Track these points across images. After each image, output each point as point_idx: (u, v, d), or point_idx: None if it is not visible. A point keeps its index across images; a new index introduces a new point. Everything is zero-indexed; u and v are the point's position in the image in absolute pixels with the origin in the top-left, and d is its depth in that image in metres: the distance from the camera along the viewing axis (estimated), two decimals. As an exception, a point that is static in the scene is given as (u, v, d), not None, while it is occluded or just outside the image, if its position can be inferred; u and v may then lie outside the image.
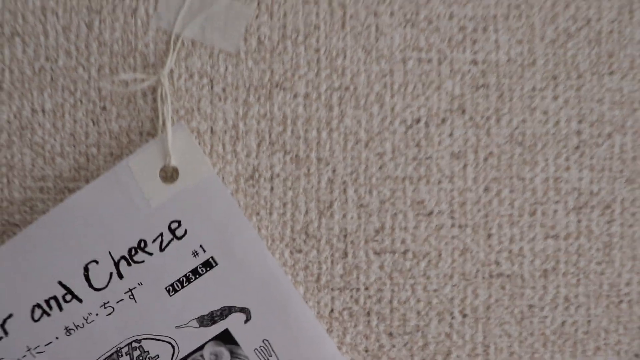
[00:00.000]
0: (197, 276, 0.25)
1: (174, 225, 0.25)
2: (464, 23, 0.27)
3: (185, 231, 0.25)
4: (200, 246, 0.25)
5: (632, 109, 0.27)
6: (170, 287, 0.25)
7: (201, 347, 0.25)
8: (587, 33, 0.27)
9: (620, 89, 0.27)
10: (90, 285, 0.25)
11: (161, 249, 0.25)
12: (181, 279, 0.25)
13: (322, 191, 0.27)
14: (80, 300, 0.25)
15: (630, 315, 0.27)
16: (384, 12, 0.27)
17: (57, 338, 0.25)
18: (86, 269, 0.25)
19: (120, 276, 0.25)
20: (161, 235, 0.25)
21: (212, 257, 0.25)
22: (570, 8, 0.27)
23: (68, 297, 0.25)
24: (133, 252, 0.25)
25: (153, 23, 0.27)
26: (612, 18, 0.27)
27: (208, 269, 0.25)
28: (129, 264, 0.25)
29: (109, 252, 0.25)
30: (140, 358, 0.25)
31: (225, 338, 0.25)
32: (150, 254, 0.25)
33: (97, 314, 0.25)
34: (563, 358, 0.27)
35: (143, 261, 0.25)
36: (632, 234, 0.27)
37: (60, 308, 0.25)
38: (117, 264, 0.25)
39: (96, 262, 0.25)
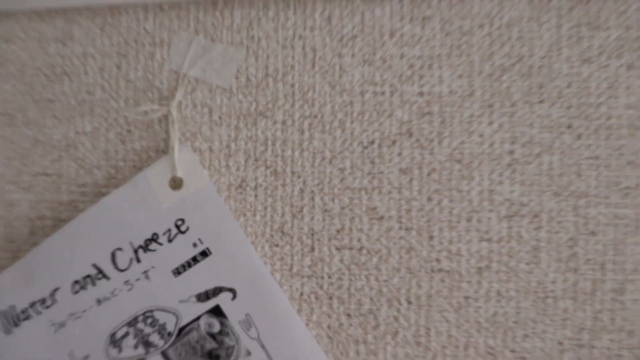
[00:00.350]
0: (196, 262, 0.30)
1: (179, 223, 0.30)
2: (412, 62, 0.31)
3: (188, 227, 0.30)
4: (199, 239, 0.30)
5: (559, 132, 0.30)
6: (176, 270, 0.30)
7: (198, 318, 0.30)
8: (520, 68, 0.30)
9: (549, 115, 0.30)
10: (116, 267, 0.30)
11: (169, 241, 0.30)
12: (184, 264, 0.30)
13: (295, 198, 0.31)
14: (108, 279, 0.30)
15: (555, 309, 0.30)
16: (347, 54, 0.31)
17: (90, 307, 0.30)
18: (113, 254, 0.30)
19: (138, 261, 0.30)
20: (169, 230, 0.30)
21: (207, 248, 0.30)
22: (505, 46, 0.30)
23: (99, 276, 0.30)
24: (148, 242, 0.30)
25: (166, 65, 0.32)
26: (542, 55, 0.30)
27: (204, 257, 0.30)
28: (145, 252, 0.30)
29: (130, 242, 0.30)
30: (152, 324, 0.30)
31: (216, 311, 0.30)
32: (161, 244, 0.30)
33: (120, 290, 0.30)
34: (495, 343, 0.30)
35: (155, 250, 0.30)
36: (557, 240, 0.30)
37: (94, 284, 0.30)
38: (136, 251, 0.30)
39: (120, 249, 0.30)
